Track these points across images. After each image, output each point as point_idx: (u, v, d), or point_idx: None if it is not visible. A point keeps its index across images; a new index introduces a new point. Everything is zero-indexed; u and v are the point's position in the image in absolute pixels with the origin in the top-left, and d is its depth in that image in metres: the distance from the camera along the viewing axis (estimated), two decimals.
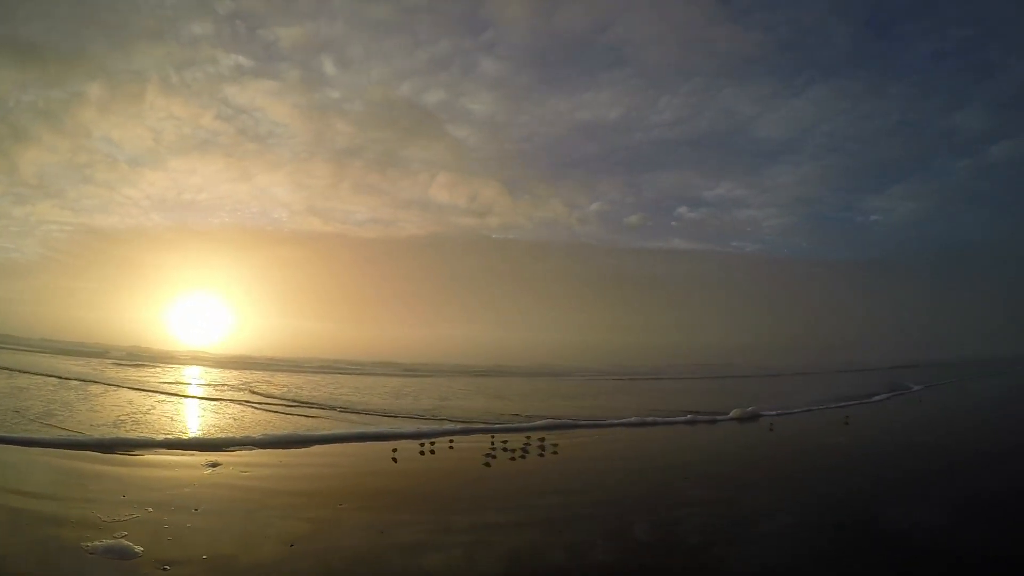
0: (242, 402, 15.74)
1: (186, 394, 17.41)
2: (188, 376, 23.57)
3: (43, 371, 20.92)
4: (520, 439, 10.45)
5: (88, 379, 19.58)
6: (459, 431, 11.71)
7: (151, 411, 13.26)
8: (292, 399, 16.86)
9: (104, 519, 5.53)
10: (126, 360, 30.29)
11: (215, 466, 8.14)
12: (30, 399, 13.87)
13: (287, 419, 13.04)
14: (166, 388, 18.37)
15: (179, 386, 19.47)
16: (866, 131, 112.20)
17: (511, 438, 10.56)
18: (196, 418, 13.02)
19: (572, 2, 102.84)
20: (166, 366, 28.07)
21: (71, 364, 25.30)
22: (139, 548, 4.82)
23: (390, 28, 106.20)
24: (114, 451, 8.70)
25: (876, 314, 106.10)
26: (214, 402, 15.77)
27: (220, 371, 27.08)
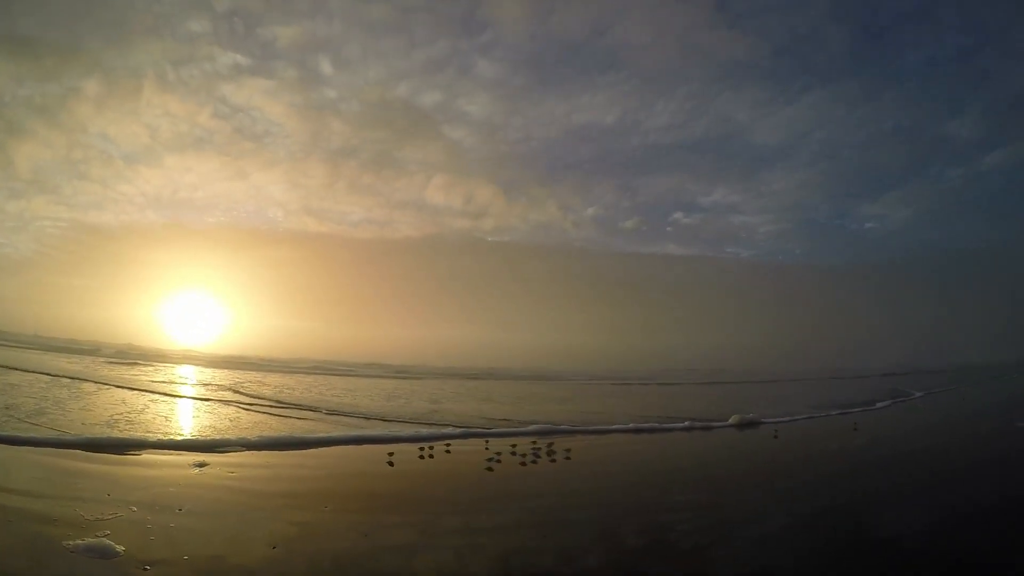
0: (232, 403, 15.72)
1: (176, 393, 17.37)
2: (179, 375, 23.50)
3: (34, 368, 20.83)
4: (514, 444, 10.39)
5: (79, 377, 19.51)
6: (453, 435, 11.63)
7: (140, 410, 13.24)
8: (283, 400, 16.84)
9: (87, 518, 5.54)
10: (118, 358, 30.17)
11: (202, 466, 8.15)
12: (21, 396, 13.82)
13: (277, 420, 13.04)
14: (157, 387, 18.32)
15: (170, 385, 19.42)
16: (861, 138, 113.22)
17: (505, 443, 10.55)
18: (185, 418, 13.01)
19: (569, 5, 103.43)
20: (158, 365, 27.97)
21: (63, 362, 25.18)
22: (121, 547, 4.85)
23: (387, 28, 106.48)
24: (101, 450, 8.67)
25: (870, 320, 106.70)
26: (204, 402, 15.74)
27: (212, 371, 26.99)
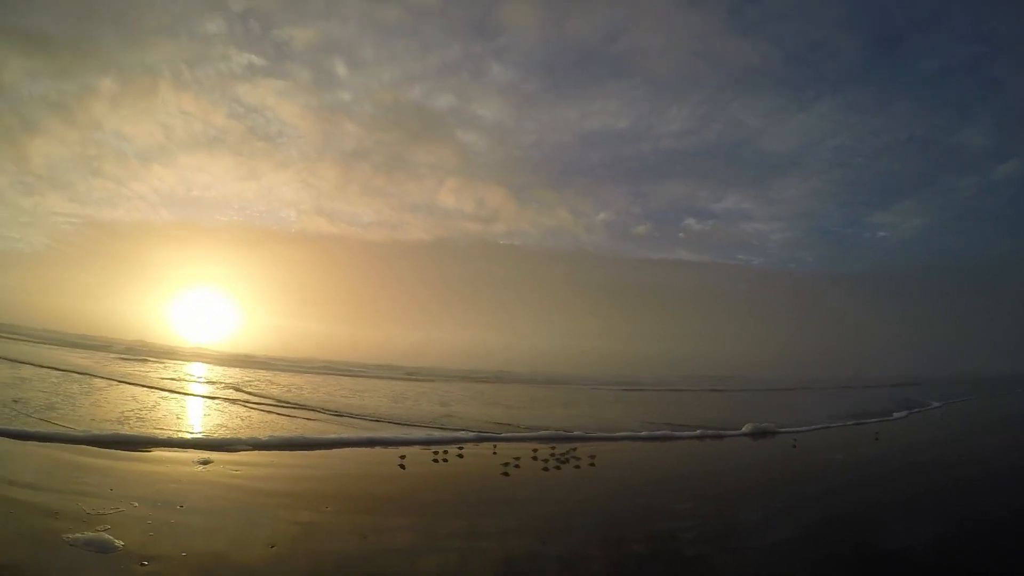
0: (239, 401, 15.76)
1: (185, 391, 17.46)
2: (189, 373, 23.64)
3: (45, 363, 21.05)
4: (536, 449, 10.30)
5: (89, 372, 19.68)
6: (466, 439, 11.46)
7: (147, 407, 13.31)
8: (290, 400, 16.86)
9: (88, 512, 5.54)
10: (128, 354, 30.47)
11: (206, 463, 8.15)
12: (31, 391, 13.95)
13: (283, 420, 13.05)
14: (166, 384, 18.43)
15: (179, 383, 19.53)
16: (874, 146, 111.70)
17: (524, 448, 10.47)
18: (192, 415, 13.06)
19: (583, 11, 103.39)
20: (168, 362, 28.18)
21: (74, 357, 25.45)
22: (120, 542, 4.82)
23: (401, 31, 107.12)
24: (106, 446, 8.72)
25: (882, 330, 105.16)
26: (212, 400, 15.80)
27: (222, 368, 27.15)
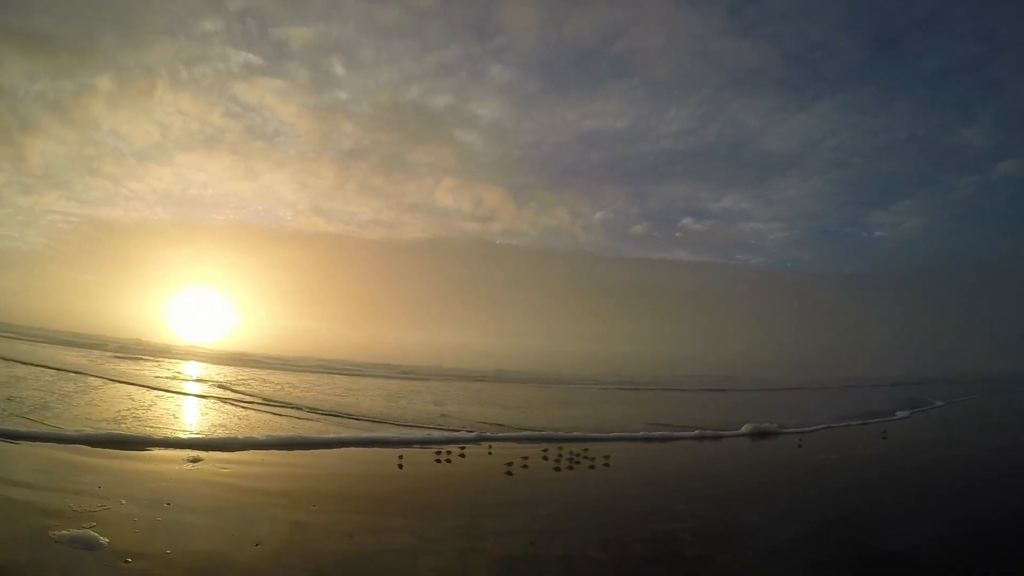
0: (232, 400, 15.82)
1: (179, 390, 17.51)
2: (183, 371, 23.69)
3: (40, 362, 21.08)
4: (545, 449, 10.32)
5: (83, 371, 19.72)
6: (457, 440, 11.39)
7: (141, 406, 13.37)
8: (284, 399, 16.91)
9: (76, 509, 5.61)
10: (123, 353, 30.47)
11: (195, 462, 8.21)
12: (27, 389, 14.02)
13: (274, 419, 13.14)
14: (160, 383, 18.47)
15: (172, 382, 19.57)
16: (873, 146, 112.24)
17: (514, 449, 10.55)
18: (183, 414, 13.12)
19: (582, 12, 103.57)
20: (163, 360, 28.21)
21: (69, 355, 25.47)
22: (104, 539, 4.89)
23: (400, 31, 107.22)
24: (98, 445, 8.79)
25: (880, 329, 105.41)
26: (204, 399, 15.86)
27: (216, 367, 27.18)
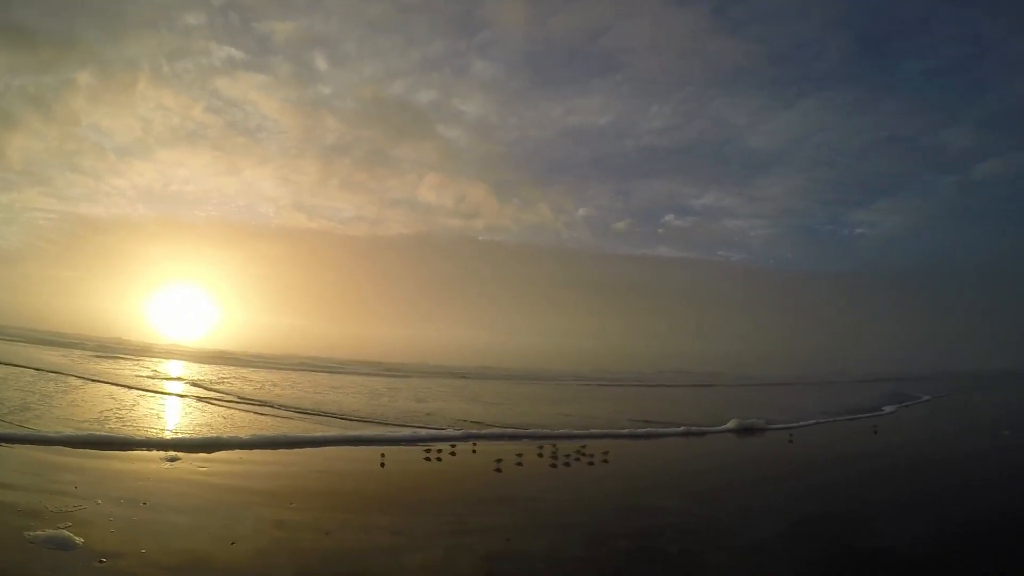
0: (212, 400, 15.81)
1: (159, 389, 17.44)
2: (163, 371, 23.49)
3: (18, 361, 20.77)
4: (541, 446, 10.51)
5: (64, 371, 19.48)
6: (437, 437, 11.50)
7: (121, 406, 13.34)
8: (267, 398, 16.93)
9: (52, 510, 5.71)
10: (103, 352, 30.07)
11: (173, 461, 8.30)
12: (4, 390, 13.91)
13: (254, 418, 13.21)
14: (140, 383, 18.35)
15: (153, 381, 19.44)
16: (856, 145, 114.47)
17: (498, 447, 10.74)
18: (164, 414, 13.13)
19: (568, 8, 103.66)
20: (144, 359, 27.91)
21: (48, 355, 25.09)
22: (79, 539, 5.01)
23: (385, 26, 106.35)
24: (76, 445, 8.82)
25: (859, 326, 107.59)
26: (184, 398, 15.82)
27: (197, 366, 26.97)
